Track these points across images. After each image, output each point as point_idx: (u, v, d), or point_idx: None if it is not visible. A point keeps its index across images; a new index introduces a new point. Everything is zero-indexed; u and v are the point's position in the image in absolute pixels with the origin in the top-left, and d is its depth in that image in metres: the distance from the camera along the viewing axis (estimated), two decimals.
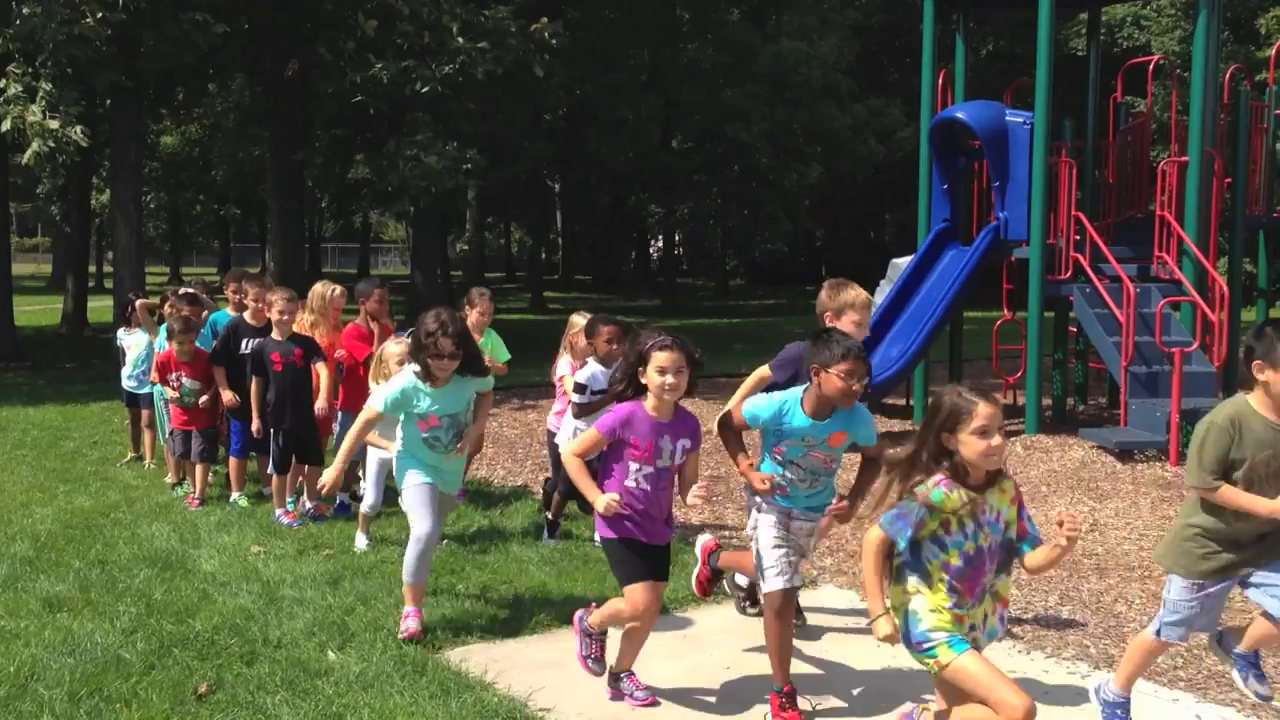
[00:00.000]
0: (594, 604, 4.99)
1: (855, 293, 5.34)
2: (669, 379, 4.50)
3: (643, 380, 4.55)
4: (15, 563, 6.69)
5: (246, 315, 8.46)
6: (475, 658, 5.18)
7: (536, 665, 5.13)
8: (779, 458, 4.65)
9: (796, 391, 4.62)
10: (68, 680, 4.84)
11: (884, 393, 11.79)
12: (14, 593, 6.14)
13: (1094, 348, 11.17)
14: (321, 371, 7.95)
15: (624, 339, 6.65)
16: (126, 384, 9.97)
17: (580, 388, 6.93)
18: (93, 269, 34.49)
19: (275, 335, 7.86)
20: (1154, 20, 29.75)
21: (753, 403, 4.70)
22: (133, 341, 9.93)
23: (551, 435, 7.59)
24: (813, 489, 4.72)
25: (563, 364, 7.46)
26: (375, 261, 64.65)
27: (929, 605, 3.81)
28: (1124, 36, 30.08)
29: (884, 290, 12.55)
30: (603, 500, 4.52)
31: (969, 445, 3.73)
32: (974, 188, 12.57)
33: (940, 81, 12.61)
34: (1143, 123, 12.97)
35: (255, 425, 7.88)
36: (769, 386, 5.22)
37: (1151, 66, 14.20)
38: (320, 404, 7.91)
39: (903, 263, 12.55)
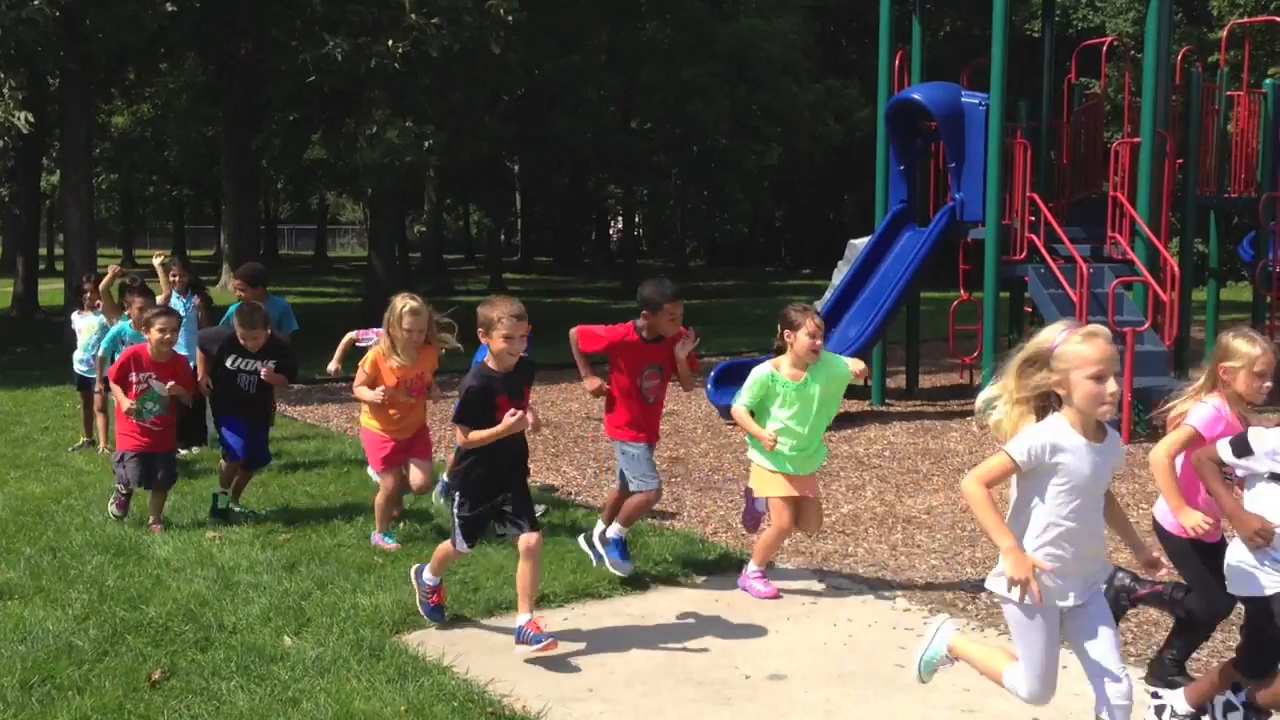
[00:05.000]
0: None
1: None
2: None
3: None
4: None
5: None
6: (433, 641, 5.16)
7: (495, 648, 5.13)
8: None
9: None
10: (19, 668, 4.78)
11: None
12: None
13: None
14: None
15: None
16: (78, 368, 9.84)
17: None
18: (43, 251, 33.95)
19: (495, 369, 5.23)
20: (1108, 2, 29.99)
21: None
22: (84, 324, 9.80)
23: None
24: None
25: None
26: (332, 243, 64.07)
27: None
28: (1079, 18, 30.30)
29: (842, 271, 12.62)
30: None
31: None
32: (930, 169, 12.65)
33: (897, 62, 12.66)
34: (1096, 104, 13.10)
35: (471, 437, 5.17)
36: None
37: (1105, 48, 14.36)
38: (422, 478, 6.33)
39: (860, 244, 12.62)
